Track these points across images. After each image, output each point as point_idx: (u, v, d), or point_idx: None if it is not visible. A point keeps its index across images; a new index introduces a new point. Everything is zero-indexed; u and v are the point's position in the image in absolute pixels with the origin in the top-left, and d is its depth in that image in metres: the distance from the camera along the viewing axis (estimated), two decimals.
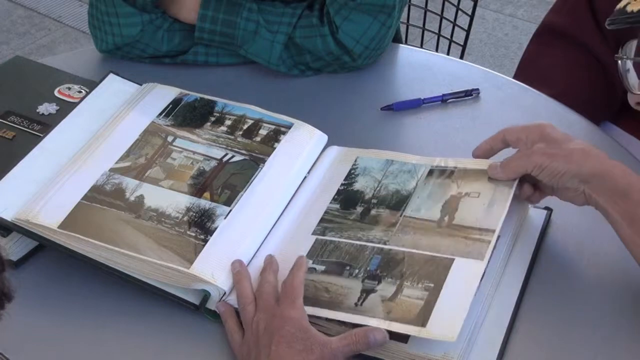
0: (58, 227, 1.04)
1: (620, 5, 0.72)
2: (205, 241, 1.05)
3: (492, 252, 1.02)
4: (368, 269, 1.03)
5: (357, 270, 1.03)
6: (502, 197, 1.07)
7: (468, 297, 0.96)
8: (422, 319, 0.95)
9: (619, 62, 0.75)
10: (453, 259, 1.01)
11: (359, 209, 1.12)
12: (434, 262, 1.02)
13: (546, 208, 1.14)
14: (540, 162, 1.03)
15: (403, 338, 0.96)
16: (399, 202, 1.12)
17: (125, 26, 1.37)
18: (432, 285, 0.99)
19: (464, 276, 0.99)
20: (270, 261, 1.05)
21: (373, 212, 1.11)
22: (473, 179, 1.11)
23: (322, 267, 1.05)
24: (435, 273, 1.00)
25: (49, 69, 1.35)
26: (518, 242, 1.10)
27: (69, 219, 1.06)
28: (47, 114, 1.24)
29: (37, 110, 1.25)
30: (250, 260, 1.07)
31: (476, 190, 1.10)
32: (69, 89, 1.29)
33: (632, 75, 0.75)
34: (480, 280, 0.99)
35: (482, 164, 1.12)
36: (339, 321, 0.98)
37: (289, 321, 0.94)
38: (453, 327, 0.93)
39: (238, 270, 1.03)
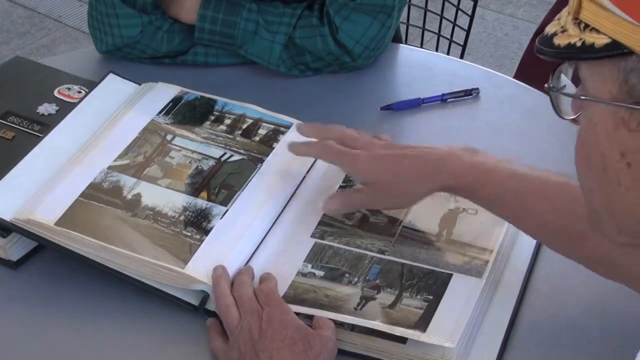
0: (55, 224, 1.04)
1: (548, 31, 0.66)
2: (201, 241, 1.05)
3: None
4: (367, 277, 1.03)
5: (356, 279, 1.03)
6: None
7: (467, 310, 0.98)
8: (421, 326, 0.96)
9: (550, 93, 0.72)
10: (451, 274, 1.02)
11: (358, 215, 1.12)
12: (433, 276, 1.03)
13: None
14: (382, 205, 1.10)
15: (402, 339, 0.96)
16: (397, 211, 1.12)
17: (125, 27, 1.37)
18: (431, 297, 1.00)
19: (463, 291, 1.01)
20: (246, 267, 1.05)
21: (372, 219, 1.11)
22: None
23: (322, 273, 1.05)
24: (434, 286, 1.01)
25: (49, 69, 1.34)
26: (518, 241, 1.10)
27: (66, 216, 1.06)
28: (47, 114, 1.24)
29: (37, 111, 1.25)
30: (248, 261, 1.06)
31: (473, 207, 1.11)
32: (69, 89, 1.29)
33: (562, 103, 0.72)
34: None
35: None
36: (337, 323, 0.98)
37: (286, 325, 0.94)
38: (452, 335, 0.94)
39: (218, 273, 1.02)
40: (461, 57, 2.00)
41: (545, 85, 0.70)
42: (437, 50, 2.03)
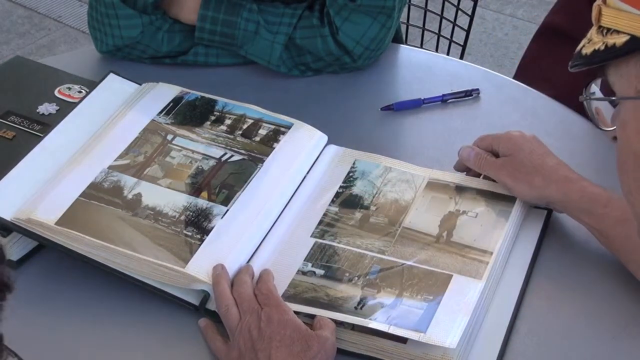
0: (55, 224, 1.04)
1: (578, 47, 0.74)
2: (202, 241, 1.05)
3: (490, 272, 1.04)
4: (367, 277, 1.03)
5: (356, 278, 1.03)
6: (500, 220, 1.10)
7: (467, 311, 0.98)
8: (422, 326, 0.96)
9: (585, 103, 0.77)
10: (451, 275, 1.02)
11: (358, 215, 1.12)
12: (433, 276, 1.03)
13: (546, 208, 1.14)
14: (504, 181, 1.11)
15: (402, 339, 0.96)
16: (397, 212, 1.12)
17: (125, 28, 1.37)
18: (431, 297, 1.00)
19: (463, 292, 1.01)
20: (246, 266, 1.05)
21: (372, 219, 1.11)
22: (471, 198, 1.13)
23: (322, 272, 1.05)
24: (434, 287, 1.01)
25: (49, 69, 1.35)
26: (518, 242, 1.10)
27: (67, 216, 1.06)
28: (47, 114, 1.24)
29: (37, 110, 1.25)
30: (248, 261, 1.06)
31: (474, 210, 1.11)
32: (69, 89, 1.29)
33: (601, 114, 0.77)
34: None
35: (480, 183, 1.14)
36: (337, 322, 0.98)
37: (285, 325, 0.95)
38: (453, 336, 0.94)
39: (218, 273, 1.02)
40: (461, 57, 2.00)
41: (580, 97, 0.75)
42: (437, 51, 2.03)
